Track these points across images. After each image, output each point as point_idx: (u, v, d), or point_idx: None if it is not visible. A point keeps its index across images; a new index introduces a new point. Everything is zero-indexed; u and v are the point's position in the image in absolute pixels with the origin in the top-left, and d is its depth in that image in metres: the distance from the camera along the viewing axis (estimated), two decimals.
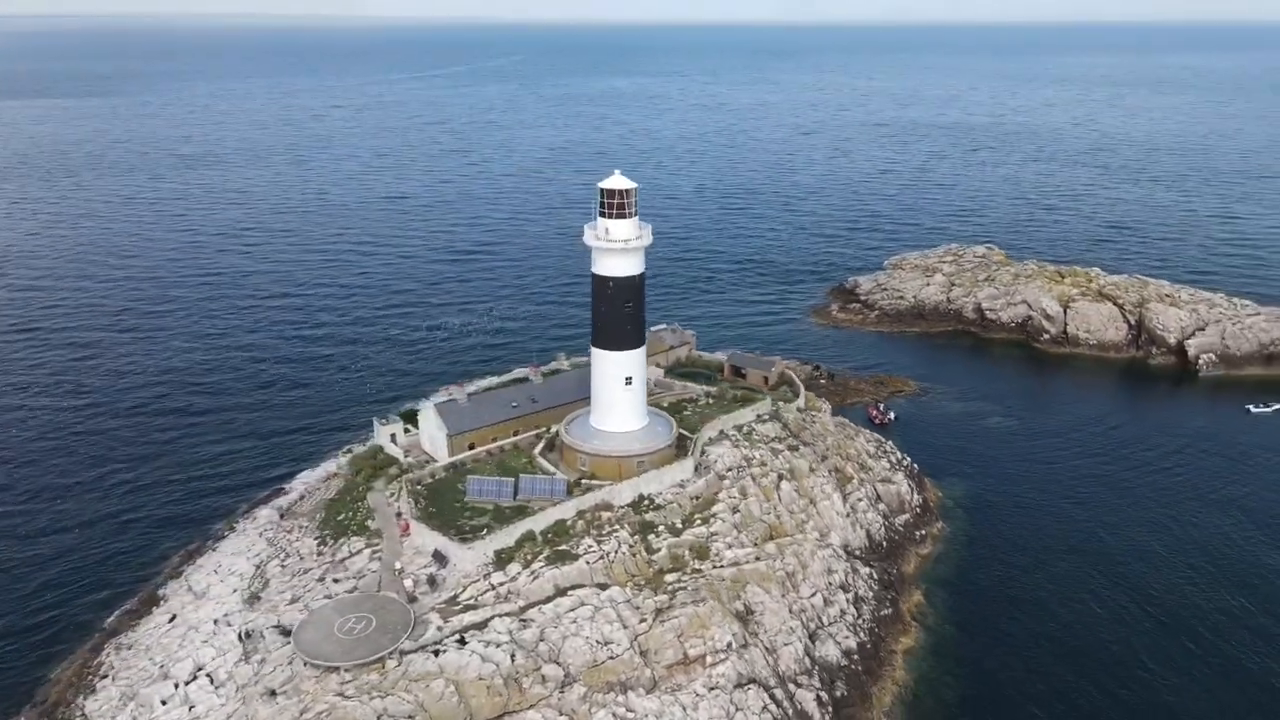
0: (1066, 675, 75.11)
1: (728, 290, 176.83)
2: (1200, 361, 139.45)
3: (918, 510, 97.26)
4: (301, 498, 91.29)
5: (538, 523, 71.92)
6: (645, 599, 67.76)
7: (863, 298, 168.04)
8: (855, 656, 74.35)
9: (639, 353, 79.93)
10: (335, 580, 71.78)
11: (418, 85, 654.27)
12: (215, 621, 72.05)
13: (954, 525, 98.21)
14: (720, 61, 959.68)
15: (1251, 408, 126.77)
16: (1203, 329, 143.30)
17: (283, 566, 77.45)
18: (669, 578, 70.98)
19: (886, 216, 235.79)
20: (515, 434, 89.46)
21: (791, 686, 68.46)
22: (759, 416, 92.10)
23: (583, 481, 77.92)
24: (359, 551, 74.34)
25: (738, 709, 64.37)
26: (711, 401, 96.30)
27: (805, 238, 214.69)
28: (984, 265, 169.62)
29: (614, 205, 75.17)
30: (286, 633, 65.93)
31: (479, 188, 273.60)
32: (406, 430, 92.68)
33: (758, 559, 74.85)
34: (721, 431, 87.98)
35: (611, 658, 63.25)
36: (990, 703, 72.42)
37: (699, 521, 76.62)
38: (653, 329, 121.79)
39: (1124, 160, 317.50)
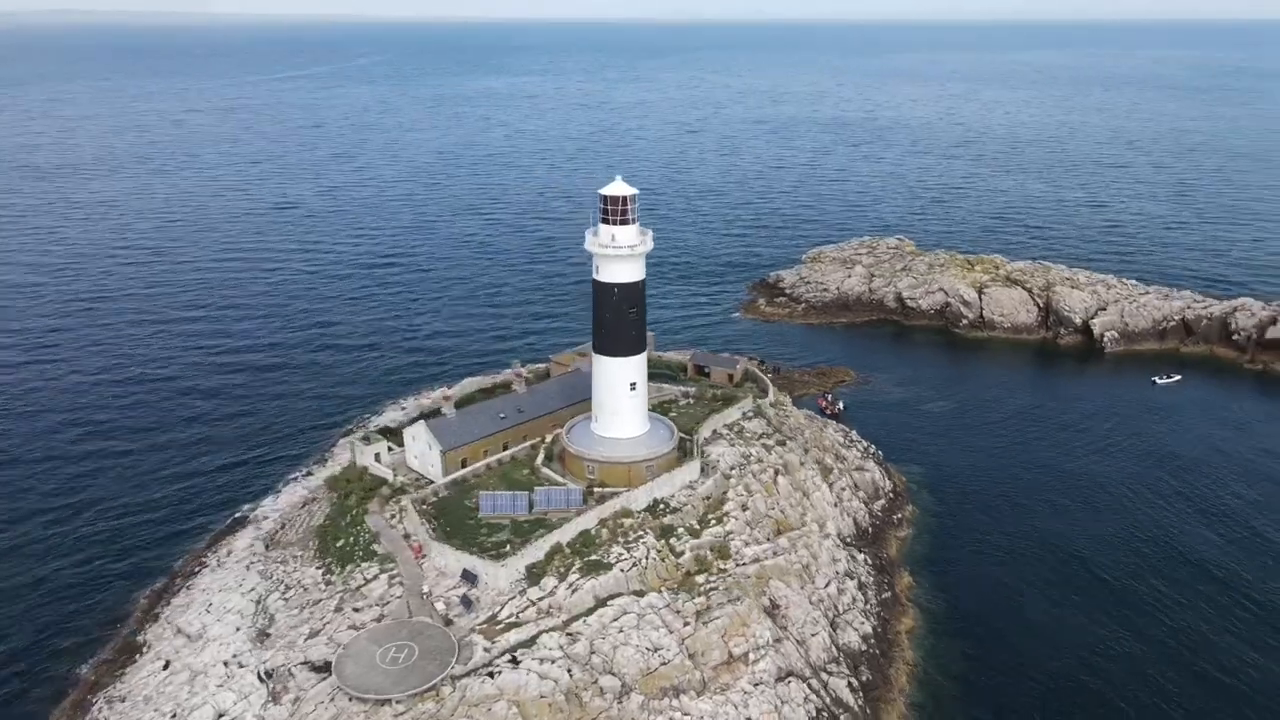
0: (1051, 631, 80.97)
1: (652, 291, 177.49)
2: (1105, 339, 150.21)
3: (890, 495, 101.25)
4: (283, 526, 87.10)
5: (564, 534, 71.24)
6: (684, 602, 68.25)
7: (787, 291, 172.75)
8: (871, 640, 77.07)
9: (642, 358, 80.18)
10: (355, 609, 69.04)
11: (282, 87, 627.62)
12: (225, 664, 68.12)
13: (921, 507, 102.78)
14: (589, 60, 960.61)
15: (1156, 379, 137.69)
16: (1104, 309, 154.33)
17: (285, 600, 73.88)
18: (698, 579, 71.68)
19: (789, 212, 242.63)
20: (505, 446, 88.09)
21: (824, 676, 70.39)
22: (744, 414, 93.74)
23: (595, 489, 77.54)
24: (375, 577, 71.71)
25: (783, 702, 65.78)
26: (692, 402, 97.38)
27: (715, 236, 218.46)
28: (899, 256, 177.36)
29: (617, 212, 75.09)
30: (320, 668, 63.06)
31: (371, 194, 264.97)
32: (390, 449, 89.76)
33: (775, 554, 76.50)
34: (715, 431, 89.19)
35: (664, 663, 63.51)
36: (990, 668, 76.36)
37: (714, 521, 77.60)
38: None
39: (993, 152, 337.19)
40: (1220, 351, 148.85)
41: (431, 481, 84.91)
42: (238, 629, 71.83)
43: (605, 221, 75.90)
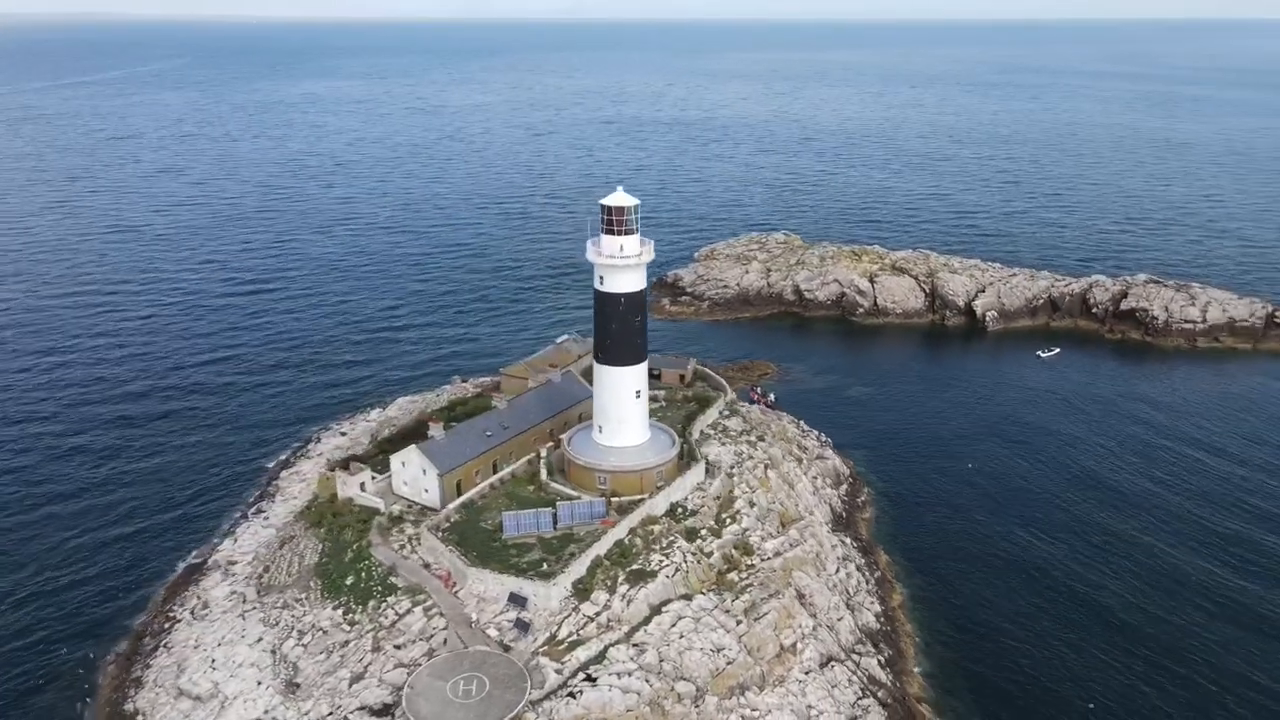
0: (1013, 581, 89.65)
1: (552, 296, 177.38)
2: (986, 319, 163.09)
3: (850, 480, 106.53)
4: (266, 569, 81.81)
5: (601, 546, 71.12)
6: (731, 601, 69.78)
7: (689, 290, 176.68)
8: (882, 619, 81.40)
9: (644, 366, 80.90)
10: (397, 646, 66.31)
11: (76, 94, 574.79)
12: None
13: (875, 488, 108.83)
14: (409, 62, 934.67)
15: (1040, 353, 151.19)
16: (983, 291, 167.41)
17: (304, 646, 69.87)
18: (730, 577, 73.39)
19: (665, 212, 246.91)
20: (494, 465, 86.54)
21: (856, 656, 73.91)
22: (721, 413, 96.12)
23: (611, 499, 77.67)
24: (409, 611, 69.01)
25: (833, 686, 68.75)
26: (664, 405, 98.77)
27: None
28: (790, 250, 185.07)
29: (622, 222, 75.51)
30: (380, 711, 60.35)
31: (218, 211, 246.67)
32: (374, 477, 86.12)
33: (792, 546, 79.30)
34: (702, 432, 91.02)
35: (729, 663, 64.91)
36: (976, 625, 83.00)
37: (729, 520, 79.55)
38: (557, 340, 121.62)
39: (832, 148, 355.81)
40: (1083, 324, 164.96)
41: (424, 507, 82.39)
42: (259, 683, 67.37)
43: (610, 232, 76.12)
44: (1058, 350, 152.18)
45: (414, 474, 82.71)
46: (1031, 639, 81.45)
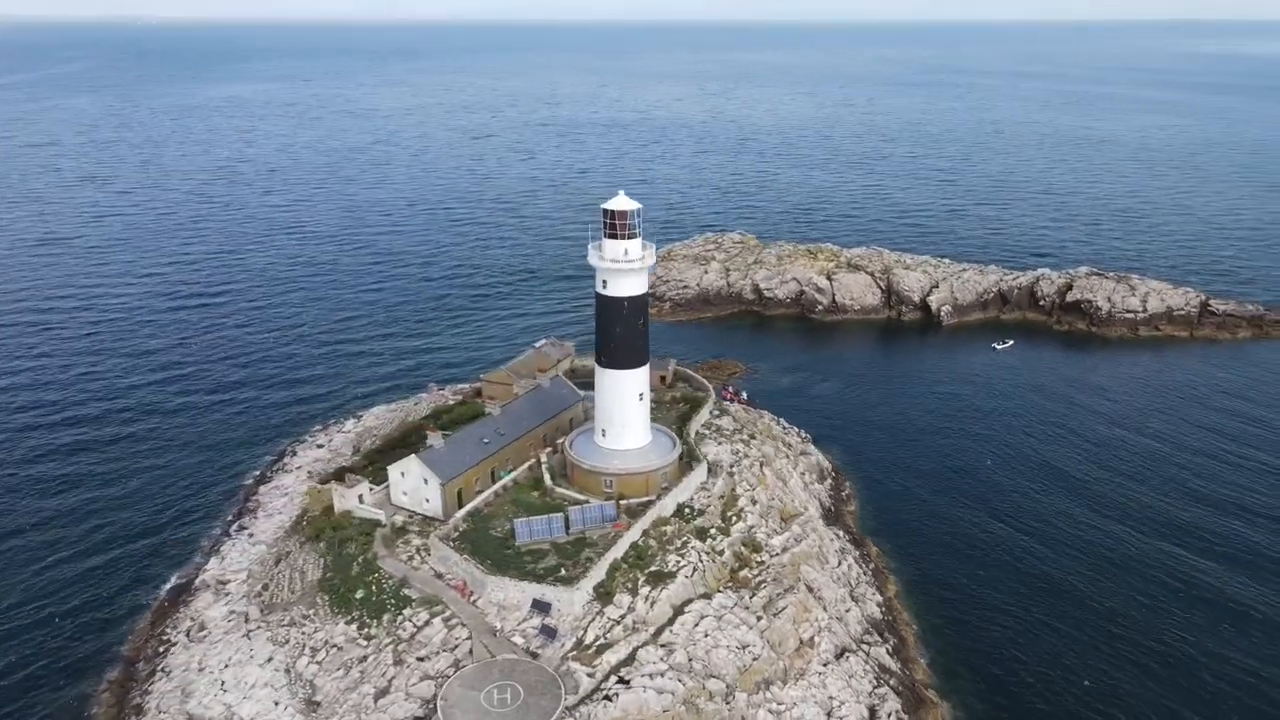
0: (994, 569, 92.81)
1: (511, 302, 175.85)
2: (941, 314, 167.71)
3: (833, 475, 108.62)
4: (265, 587, 79.86)
5: (617, 550, 71.34)
6: (750, 598, 70.72)
7: (650, 291, 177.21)
8: (884, 608, 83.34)
9: (647, 368, 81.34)
10: (420, 659, 65.52)
11: None
12: None
13: (855, 481, 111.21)
14: (332, 64, 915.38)
15: (995, 345, 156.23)
16: (936, 287, 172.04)
17: (319, 664, 68.54)
18: (743, 574, 74.37)
19: None
20: (492, 472, 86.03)
21: (866, 646, 75.59)
22: (712, 413, 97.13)
23: (620, 501, 77.94)
24: (427, 623, 68.20)
25: (850, 676, 70.26)
26: (655, 405, 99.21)
27: (550, 241, 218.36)
28: (747, 249, 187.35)
29: (625, 226, 75.86)
30: None
31: (154, 220, 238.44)
32: (371, 489, 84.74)
33: (797, 541, 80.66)
34: (698, 432, 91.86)
35: (755, 659, 65.84)
36: (967, 612, 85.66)
37: (734, 518, 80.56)
38: (535, 345, 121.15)
39: (772, 148, 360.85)
40: (1031, 316, 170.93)
41: (425, 517, 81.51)
42: (276, 703, 65.87)
43: (613, 236, 76.37)
44: (1011, 342, 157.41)
45: (414, 484, 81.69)
46: (1018, 624, 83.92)
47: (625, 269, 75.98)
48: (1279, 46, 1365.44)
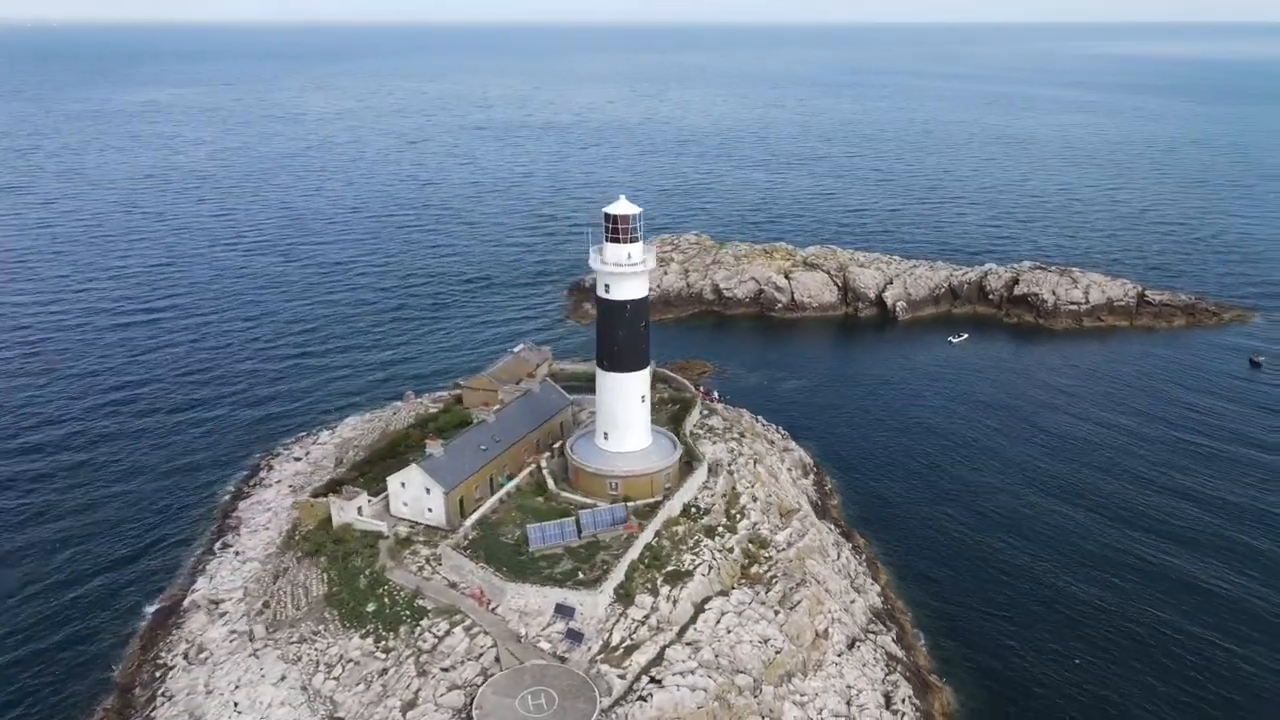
0: (972, 556, 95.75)
1: (469, 308, 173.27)
2: (896, 309, 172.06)
3: (815, 470, 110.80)
4: (266, 604, 78.10)
5: (634, 551, 71.82)
6: (765, 593, 71.93)
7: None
8: (881, 598, 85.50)
9: (649, 370, 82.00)
10: (444, 669, 65.03)
11: None
12: None
13: (835, 476, 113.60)
14: (250, 67, 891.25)
15: (951, 339, 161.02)
16: (890, 283, 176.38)
17: (336, 679, 67.47)
18: (754, 570, 75.63)
19: (563, 216, 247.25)
20: (491, 479, 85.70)
21: (872, 635, 77.56)
22: (703, 413, 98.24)
23: (626, 503, 78.46)
24: (448, 633, 67.67)
25: (864, 665, 72.10)
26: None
27: (502, 247, 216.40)
28: (704, 250, 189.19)
29: (628, 230, 76.43)
30: None
31: (83, 231, 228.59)
32: (369, 500, 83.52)
33: (800, 536, 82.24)
34: (691, 431, 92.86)
35: (777, 652, 67.09)
36: (954, 599, 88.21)
37: (738, 516, 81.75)
38: (513, 350, 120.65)
39: (712, 149, 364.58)
40: (981, 310, 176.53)
41: (427, 527, 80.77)
42: None
43: (616, 240, 76.83)
44: (966, 335, 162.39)
45: (416, 494, 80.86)
46: (1003, 610, 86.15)
47: (629, 272, 76.47)
48: (1180, 48, 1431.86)
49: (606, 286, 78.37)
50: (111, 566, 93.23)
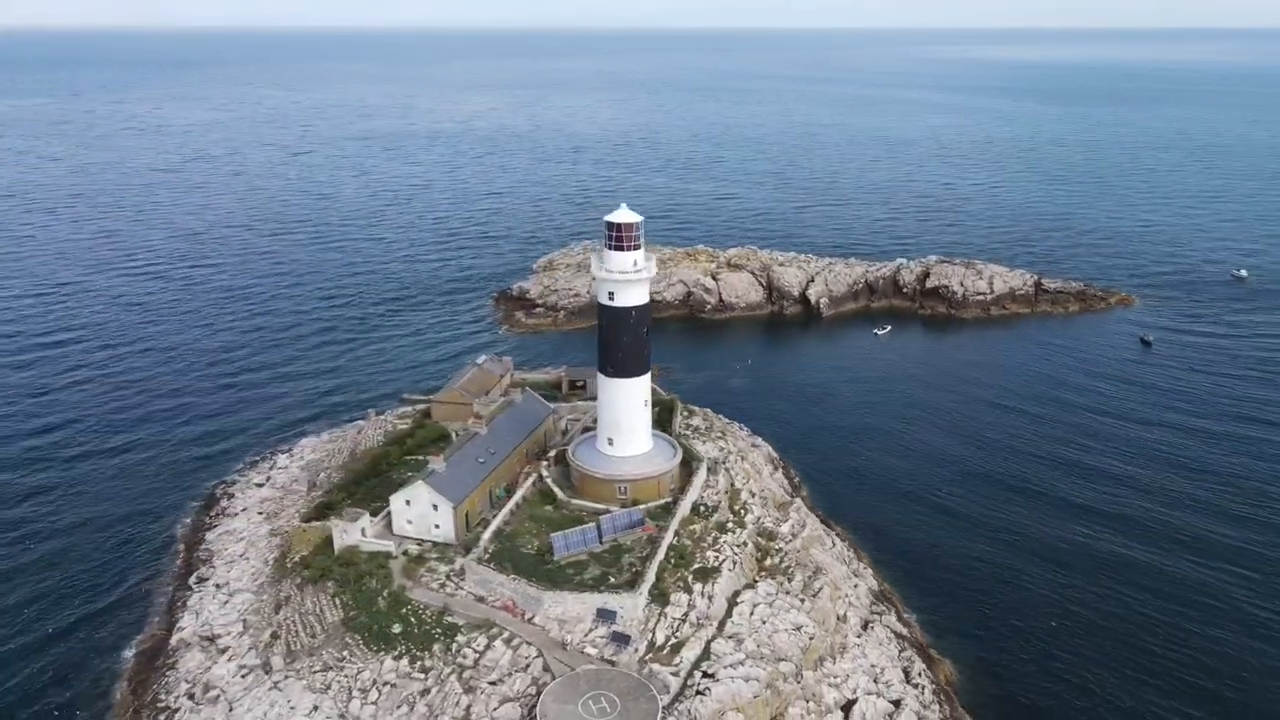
0: (940, 533, 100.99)
1: (398, 325, 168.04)
2: (820, 305, 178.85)
3: (781, 464, 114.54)
4: (276, 635, 75.39)
5: (660, 552, 73.14)
6: (787, 583, 74.56)
7: (539, 301, 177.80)
8: (873, 581, 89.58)
9: (649, 375, 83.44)
10: (492, 683, 64.73)
11: None
12: None
13: (797, 468, 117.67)
14: (89, 75, 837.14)
15: (876, 332, 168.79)
16: (813, 281, 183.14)
17: (375, 704, 66.13)
18: (768, 563, 78.23)
19: (471, 228, 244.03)
20: (490, 492, 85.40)
21: (878, 615, 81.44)
22: (684, 414, 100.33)
23: (636, 504, 79.72)
24: (489, 646, 67.29)
25: (880, 643, 75.82)
26: None
27: (415, 261, 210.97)
28: None
29: (631, 238, 77.77)
30: None
31: None
32: (371, 520, 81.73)
33: (801, 527, 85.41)
34: (679, 432, 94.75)
35: (811, 638, 69.78)
36: (932, 574, 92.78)
37: (743, 511, 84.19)
38: (477, 362, 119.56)
39: (607, 155, 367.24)
40: (897, 303, 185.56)
41: (434, 543, 79.84)
42: None
43: (620, 247, 78.00)
44: (890, 328, 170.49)
45: (422, 511, 79.73)
46: (979, 581, 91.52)
47: (635, 279, 77.79)
48: (1026, 52, 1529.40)
49: (611, 294, 79.42)
50: (75, 608, 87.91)
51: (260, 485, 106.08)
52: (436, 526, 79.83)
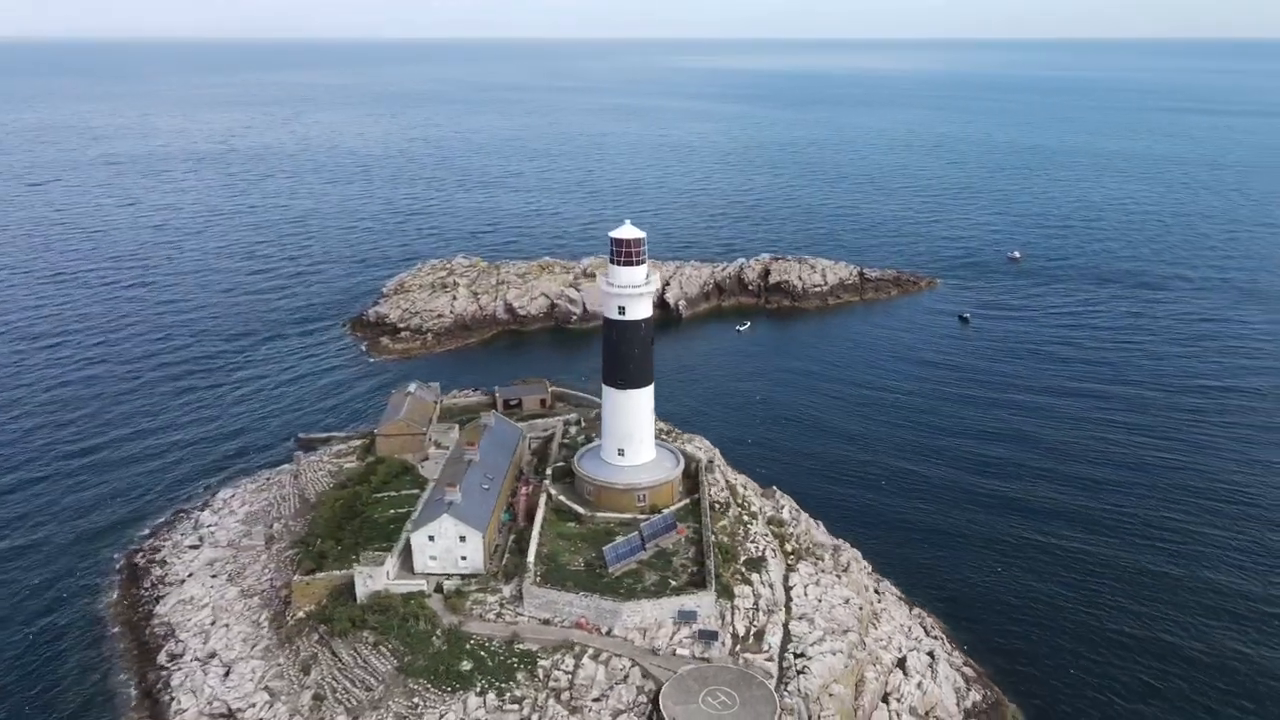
0: (887, 507, 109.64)
1: (258, 364, 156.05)
2: (679, 307, 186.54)
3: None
4: (320, 698, 70.40)
5: (710, 551, 75.94)
6: (819, 562, 79.94)
7: (400, 325, 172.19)
8: (863, 560, 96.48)
9: (652, 386, 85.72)
10: (596, 699, 64.94)
11: None
12: None
13: (739, 464, 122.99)
14: None
15: (738, 329, 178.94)
16: (669, 284, 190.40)
17: None
18: (788, 547, 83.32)
19: (290, 255, 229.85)
20: (498, 514, 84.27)
21: (879, 581, 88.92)
22: None
23: (654, 510, 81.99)
24: (577, 665, 67.17)
25: (897, 604, 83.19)
26: (584, 424, 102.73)
27: (242, 295, 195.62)
28: (484, 272, 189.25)
29: (636, 253, 79.86)
30: None
31: None
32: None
33: (797, 512, 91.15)
34: (660, 437, 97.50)
35: (860, 609, 75.61)
36: (922, 552, 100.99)
37: (746, 503, 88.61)
38: (408, 391, 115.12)
39: (397, 171, 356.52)
40: (744, 300, 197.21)
41: (462, 575, 77.89)
42: None
43: (628, 263, 79.76)
44: (750, 323, 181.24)
45: (448, 544, 77.34)
46: (951, 554, 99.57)
47: (645, 293, 79.95)
48: (764, 61, 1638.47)
49: (621, 309, 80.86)
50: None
51: (195, 547, 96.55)
52: (464, 558, 77.76)
